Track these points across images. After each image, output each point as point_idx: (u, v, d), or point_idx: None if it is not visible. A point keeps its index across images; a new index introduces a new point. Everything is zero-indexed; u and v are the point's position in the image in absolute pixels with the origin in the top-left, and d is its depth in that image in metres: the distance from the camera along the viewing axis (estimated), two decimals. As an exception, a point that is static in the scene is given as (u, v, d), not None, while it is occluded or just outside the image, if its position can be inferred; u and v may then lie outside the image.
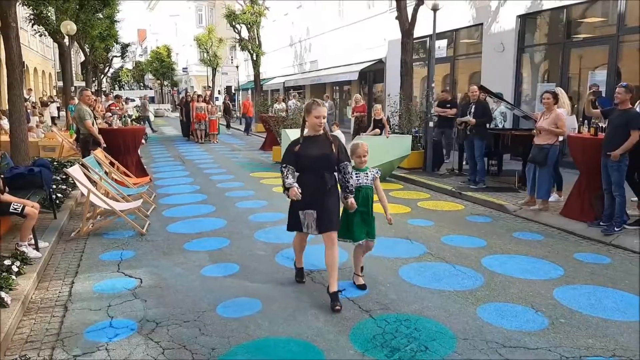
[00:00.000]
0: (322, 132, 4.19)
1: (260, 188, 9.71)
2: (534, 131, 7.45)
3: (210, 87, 38.00)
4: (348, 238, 4.37)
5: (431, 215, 7.38)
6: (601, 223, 6.29)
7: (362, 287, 4.50)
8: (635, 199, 7.09)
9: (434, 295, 4.37)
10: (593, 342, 3.55)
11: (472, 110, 9.09)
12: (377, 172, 4.46)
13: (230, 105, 25.92)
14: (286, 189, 4.07)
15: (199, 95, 20.26)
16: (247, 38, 27.87)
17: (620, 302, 4.27)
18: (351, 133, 13.96)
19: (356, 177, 4.32)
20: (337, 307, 4.04)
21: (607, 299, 4.33)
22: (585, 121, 7.35)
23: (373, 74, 21.24)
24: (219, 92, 44.84)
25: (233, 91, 42.87)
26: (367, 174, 4.41)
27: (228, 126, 25.94)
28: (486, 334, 3.67)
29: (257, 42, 27.95)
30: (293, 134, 11.74)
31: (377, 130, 11.01)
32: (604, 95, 9.99)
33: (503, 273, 4.94)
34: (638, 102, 6.88)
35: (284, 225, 4.61)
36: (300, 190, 3.98)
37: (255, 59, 27.92)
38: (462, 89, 14.71)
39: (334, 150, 4.14)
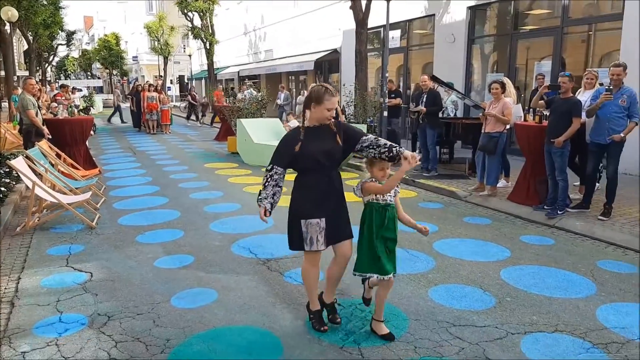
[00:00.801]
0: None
1: (215, 179, 9.59)
2: (481, 118, 7.70)
3: (162, 76, 37.03)
4: (373, 272, 3.33)
5: (386, 203, 7.50)
6: (545, 207, 6.60)
7: (388, 337, 3.41)
8: (577, 183, 7.48)
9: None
10: (537, 319, 3.74)
11: (424, 99, 9.29)
12: (398, 187, 3.46)
13: (197, 97, 24.12)
14: (258, 201, 3.34)
15: (150, 85, 19.69)
16: (199, 26, 27.28)
17: (562, 280, 4.51)
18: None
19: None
20: (338, 320, 3.59)
21: (550, 277, 4.56)
22: (531, 110, 7.65)
23: (328, 63, 21.30)
24: (172, 82, 43.74)
25: (186, 80, 41.93)
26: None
27: (197, 119, 24.07)
28: (437, 314, 3.79)
29: (210, 31, 27.45)
30: (248, 124, 11.67)
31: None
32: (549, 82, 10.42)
33: (453, 256, 5.11)
34: (579, 90, 7.22)
35: (240, 216, 4.58)
36: (270, 213, 3.36)
37: (208, 47, 27.43)
38: (416, 79, 14.97)
39: (340, 142, 3.37)
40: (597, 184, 7.01)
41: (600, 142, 6.16)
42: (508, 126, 7.46)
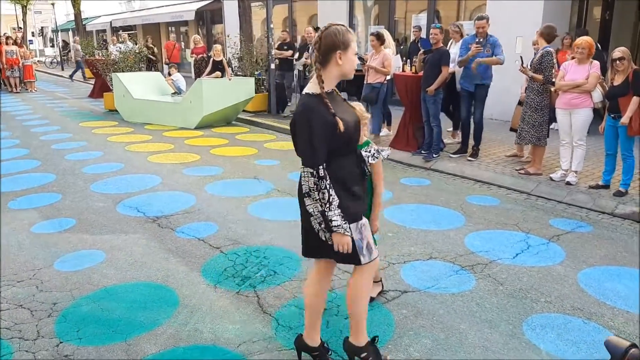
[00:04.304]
0: None
1: (92, 138, 8.95)
2: (364, 69, 7.99)
3: (21, 28, 32.82)
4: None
5: (277, 155, 7.62)
6: (422, 151, 7.15)
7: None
8: (451, 129, 8.16)
9: (281, 226, 4.62)
10: (414, 249, 4.14)
11: (310, 51, 9.37)
12: (379, 151, 2.68)
13: (154, 50, 17.07)
14: (331, 231, 2.31)
15: (7, 37, 17.40)
16: (61, -30, 24.40)
17: (436, 215, 5.00)
18: (192, 77, 13.42)
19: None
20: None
21: (426, 213, 5.03)
22: (408, 60, 8.08)
23: (211, 13, 20.39)
24: (33, 35, 39.04)
25: (51, 32, 37.67)
26: (368, 151, 2.61)
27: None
28: (328, 253, 4.04)
29: (74, -25, 24.66)
30: (126, 78, 10.91)
31: (219, 73, 10.77)
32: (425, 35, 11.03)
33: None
34: (450, 41, 7.73)
35: (123, 176, 4.37)
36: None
37: (74, -6, 24.70)
38: (302, 31, 14.95)
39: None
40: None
41: (468, 88, 6.74)
42: (389, 77, 7.83)
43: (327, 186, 2.26)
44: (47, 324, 3.03)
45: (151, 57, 14.81)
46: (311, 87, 2.35)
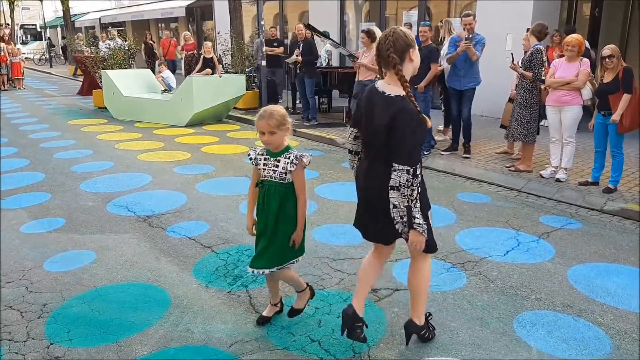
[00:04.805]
0: None
1: (82, 137, 8.87)
2: (355, 66, 7.99)
3: (8, 24, 32.42)
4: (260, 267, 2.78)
5: (267, 153, 7.59)
6: (414, 148, 7.14)
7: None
8: (442, 126, 8.18)
9: (272, 225, 4.61)
10: (406, 247, 4.12)
11: (300, 48, 9.35)
12: (299, 156, 2.74)
13: (153, 45, 17.86)
14: (412, 227, 2.46)
15: (-6, 34, 17.21)
16: (49, -34, 24.10)
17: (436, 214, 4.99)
18: (182, 74, 13.34)
19: (264, 165, 2.75)
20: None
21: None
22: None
23: (201, 10, 20.27)
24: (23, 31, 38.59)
25: (39, 29, 37.23)
26: (278, 161, 2.71)
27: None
28: (319, 251, 4.04)
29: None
30: (115, 75, 10.82)
31: (209, 70, 10.71)
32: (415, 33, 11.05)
33: (334, 199, 5.40)
34: (441, 37, 7.74)
35: (113, 174, 4.34)
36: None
37: (62, -10, 24.41)
38: (292, 28, 14.91)
39: None
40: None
41: (455, 87, 6.76)
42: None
43: (418, 185, 2.38)
44: (37, 326, 3.00)
45: (155, 51, 14.66)
46: (393, 89, 2.46)
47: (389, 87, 2.48)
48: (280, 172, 2.69)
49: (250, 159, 2.80)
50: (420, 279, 2.79)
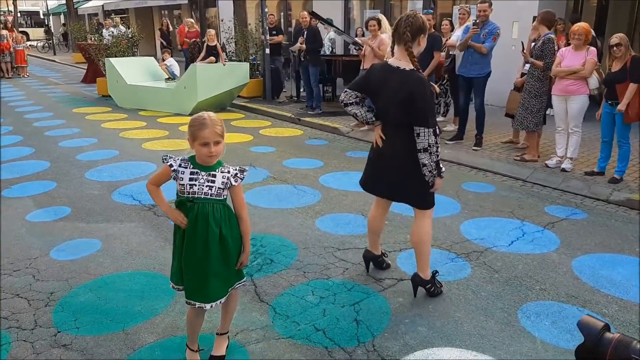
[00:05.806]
0: None
1: (86, 125, 8.88)
2: (360, 54, 7.93)
3: (11, 12, 32.30)
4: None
5: (273, 142, 7.59)
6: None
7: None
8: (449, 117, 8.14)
9: (277, 214, 4.62)
10: (408, 238, 4.14)
11: (305, 36, 9.29)
12: (236, 171, 2.43)
13: (169, 33, 16.90)
14: (440, 175, 3.04)
15: (-3, 21, 17.15)
16: (52, -48, 23.95)
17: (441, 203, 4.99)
18: (184, 62, 13.29)
19: (191, 180, 2.43)
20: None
21: (422, 201, 5.03)
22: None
23: (204, -2, 20.09)
24: (24, 18, 38.42)
25: (42, 16, 37.09)
26: (213, 175, 2.40)
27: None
28: (324, 241, 4.05)
29: (65, -43, 24.23)
30: (119, 63, 10.79)
31: (212, 58, 10.66)
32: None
33: (338, 188, 5.40)
34: (460, 27, 7.64)
35: (118, 163, 4.34)
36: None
37: (65, -23, 24.30)
38: (297, 15, 14.81)
39: None
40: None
41: (463, 74, 6.70)
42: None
43: (439, 142, 2.91)
44: (44, 314, 3.03)
45: (164, 40, 14.47)
46: (405, 65, 2.89)
47: (401, 62, 2.91)
48: (218, 187, 2.34)
49: (171, 166, 2.45)
50: (421, 233, 3.16)
